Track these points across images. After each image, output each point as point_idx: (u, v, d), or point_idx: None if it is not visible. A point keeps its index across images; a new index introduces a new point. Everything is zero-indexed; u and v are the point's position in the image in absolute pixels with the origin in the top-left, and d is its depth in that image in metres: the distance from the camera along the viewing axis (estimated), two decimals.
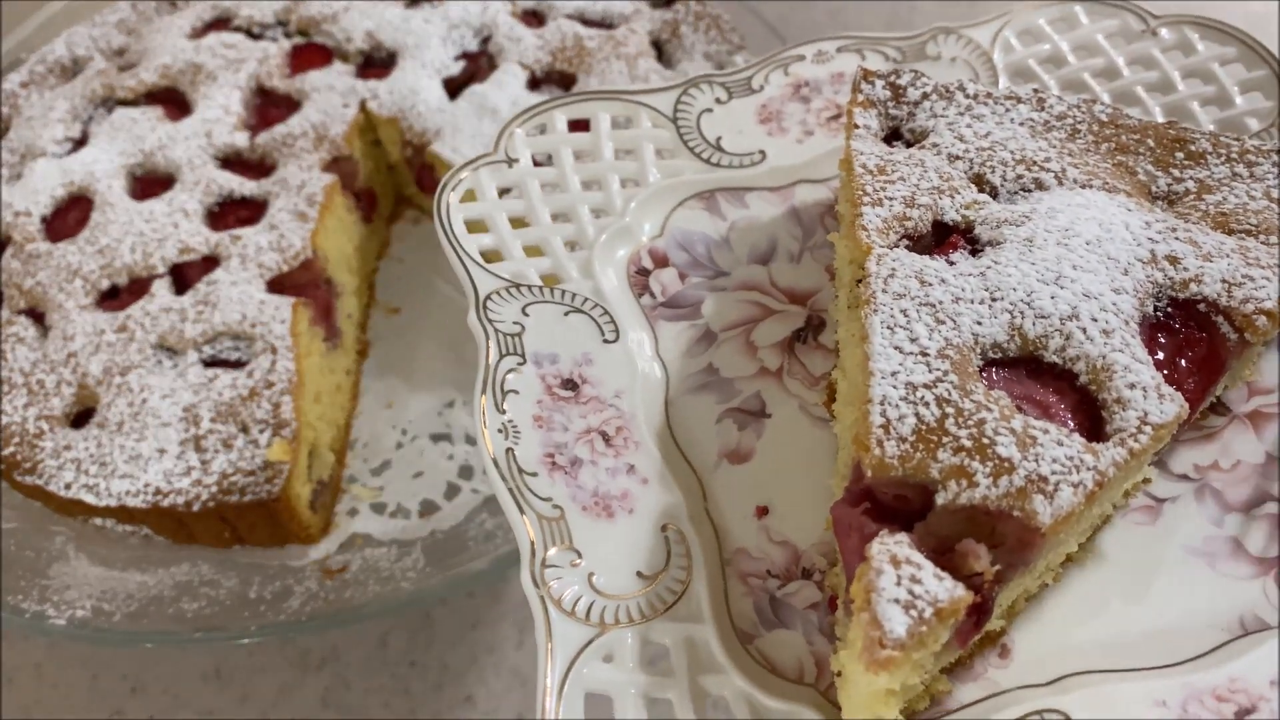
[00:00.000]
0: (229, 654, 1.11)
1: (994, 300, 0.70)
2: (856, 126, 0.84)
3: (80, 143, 1.32)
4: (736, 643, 0.69)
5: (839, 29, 1.68)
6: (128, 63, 1.42)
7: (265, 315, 1.11)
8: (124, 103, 1.35)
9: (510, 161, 0.89)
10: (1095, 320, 0.68)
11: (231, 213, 1.22)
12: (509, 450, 0.73)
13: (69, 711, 1.09)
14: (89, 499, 1.02)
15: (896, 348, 0.67)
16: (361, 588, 1.02)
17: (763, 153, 0.93)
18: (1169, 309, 0.71)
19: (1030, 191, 0.80)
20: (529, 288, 0.83)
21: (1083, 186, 0.79)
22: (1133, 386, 0.66)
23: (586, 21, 1.40)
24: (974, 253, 0.75)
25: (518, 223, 0.88)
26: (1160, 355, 0.70)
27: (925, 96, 0.86)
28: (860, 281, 0.74)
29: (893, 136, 0.87)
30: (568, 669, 0.65)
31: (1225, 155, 0.81)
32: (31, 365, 1.10)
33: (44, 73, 1.42)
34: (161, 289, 1.14)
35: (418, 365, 1.27)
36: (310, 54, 1.39)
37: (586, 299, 0.84)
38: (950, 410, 0.64)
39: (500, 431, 0.74)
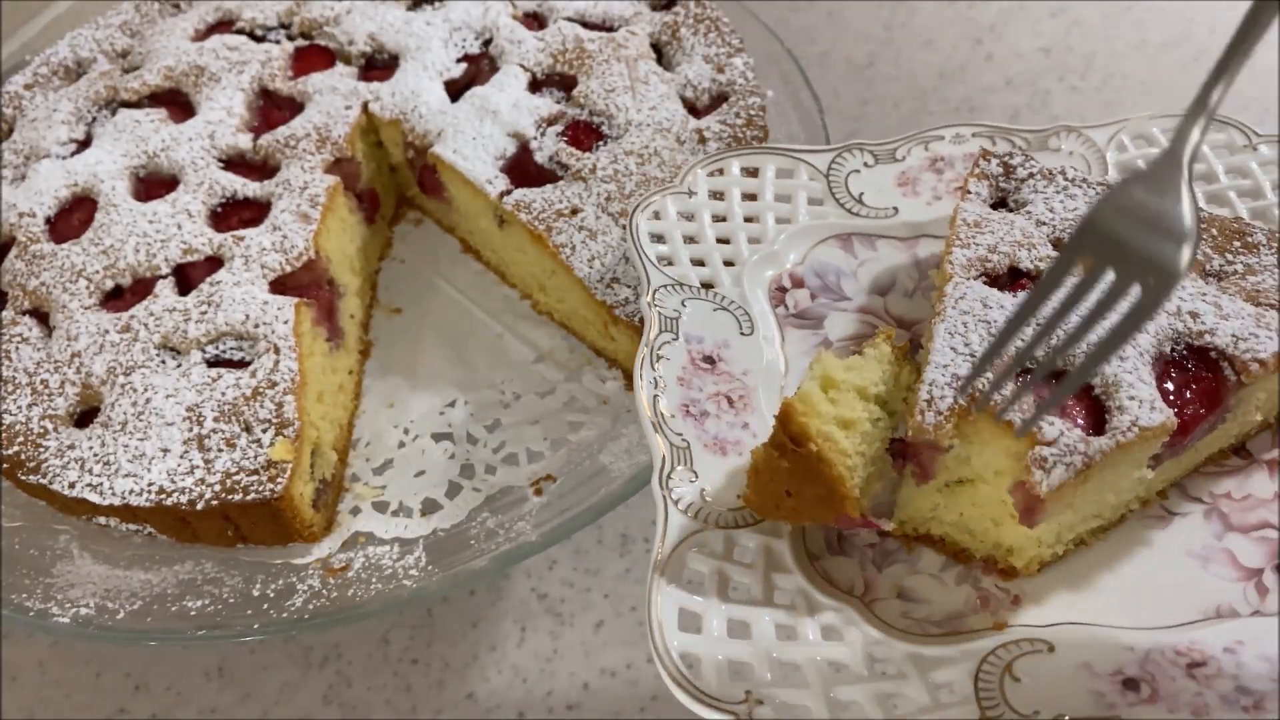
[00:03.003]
0: (232, 652, 1.11)
1: (1038, 325, 0.85)
2: (969, 193, 1.02)
3: (84, 144, 1.32)
4: (805, 557, 0.88)
5: (837, 30, 1.70)
6: (131, 65, 1.43)
7: (268, 315, 1.11)
8: (127, 104, 1.35)
9: (690, 193, 1.11)
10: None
11: (234, 214, 1.23)
12: (655, 396, 0.94)
13: (72, 709, 1.09)
14: (93, 498, 1.03)
15: (952, 348, 0.86)
16: (364, 586, 1.02)
17: (896, 209, 1.12)
18: (1184, 351, 0.87)
19: None
20: (689, 287, 1.04)
21: None
22: (1132, 399, 0.81)
23: (587, 24, 1.40)
24: None
25: (689, 240, 1.09)
26: (1170, 385, 0.85)
27: (1031, 175, 1.03)
28: (939, 301, 0.93)
29: (999, 205, 1.03)
30: (674, 549, 0.84)
31: (1277, 248, 0.95)
32: (35, 365, 1.11)
33: (48, 74, 1.43)
34: (165, 289, 1.14)
35: (419, 365, 1.27)
36: (313, 56, 1.40)
37: (733, 301, 1.04)
38: (981, 399, 0.81)
39: (651, 383, 0.95)
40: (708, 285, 1.06)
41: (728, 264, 1.08)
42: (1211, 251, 0.96)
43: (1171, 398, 0.84)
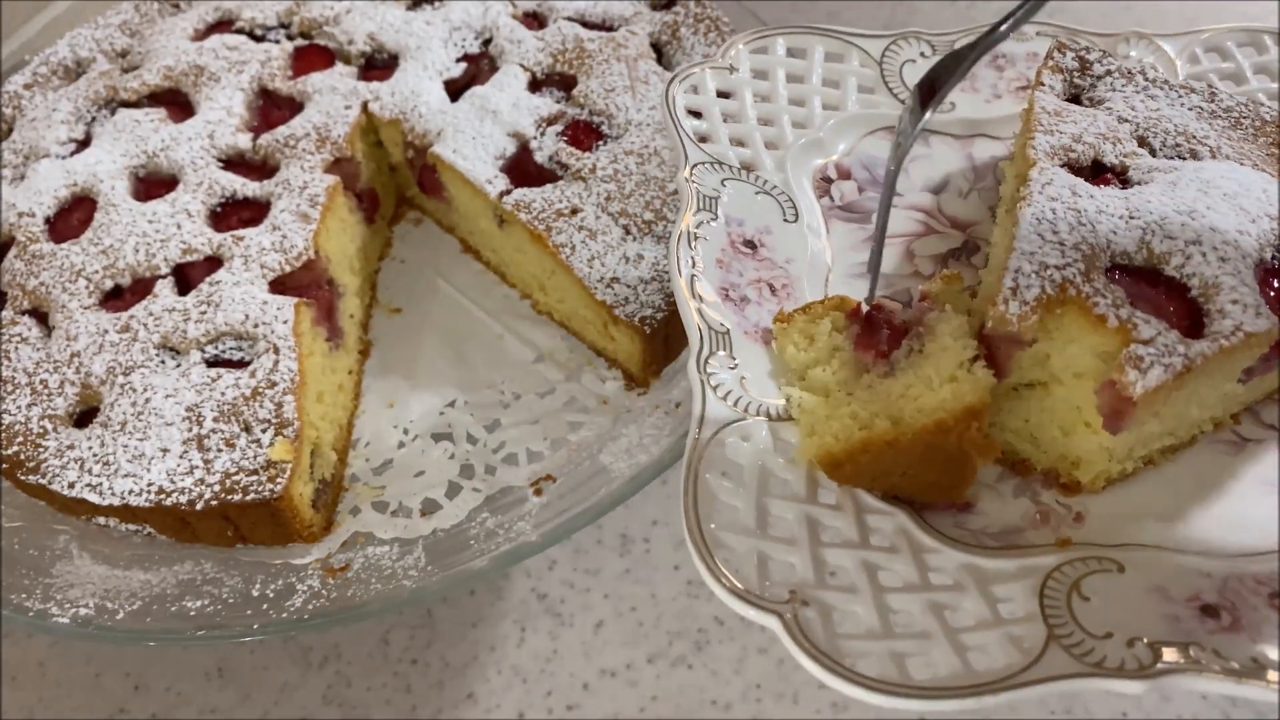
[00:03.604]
0: (231, 652, 1.11)
1: (1131, 218, 0.81)
2: (1042, 84, 0.97)
3: (83, 144, 1.32)
4: None
5: None
6: (131, 64, 1.43)
7: (268, 315, 1.11)
8: (127, 104, 1.35)
9: (732, 69, 1.05)
10: (1216, 249, 0.79)
11: (234, 213, 1.23)
12: (692, 278, 0.88)
13: (72, 709, 1.09)
14: (92, 498, 1.02)
15: (1039, 235, 0.80)
16: (363, 586, 1.02)
17: (953, 104, 1.06)
18: None
19: (1185, 159, 0.90)
20: (730, 167, 0.98)
21: (1235, 163, 0.89)
22: (1235, 303, 0.76)
23: (587, 24, 1.40)
24: (1124, 188, 0.87)
25: (729, 119, 1.02)
26: (1272, 293, 0.79)
27: (1109, 73, 0.98)
28: (1021, 188, 0.87)
29: (1073, 101, 0.98)
30: (714, 435, 0.79)
31: None
32: (35, 365, 1.11)
33: (47, 74, 1.43)
34: (164, 289, 1.14)
35: (419, 365, 1.27)
36: (312, 56, 1.40)
37: (775, 185, 0.98)
38: (1071, 290, 0.76)
39: (689, 262, 0.89)
40: (749, 167, 0.99)
41: (770, 147, 1.02)
42: None
43: (1271, 307, 0.77)
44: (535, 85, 1.33)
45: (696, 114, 1.03)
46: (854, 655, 0.66)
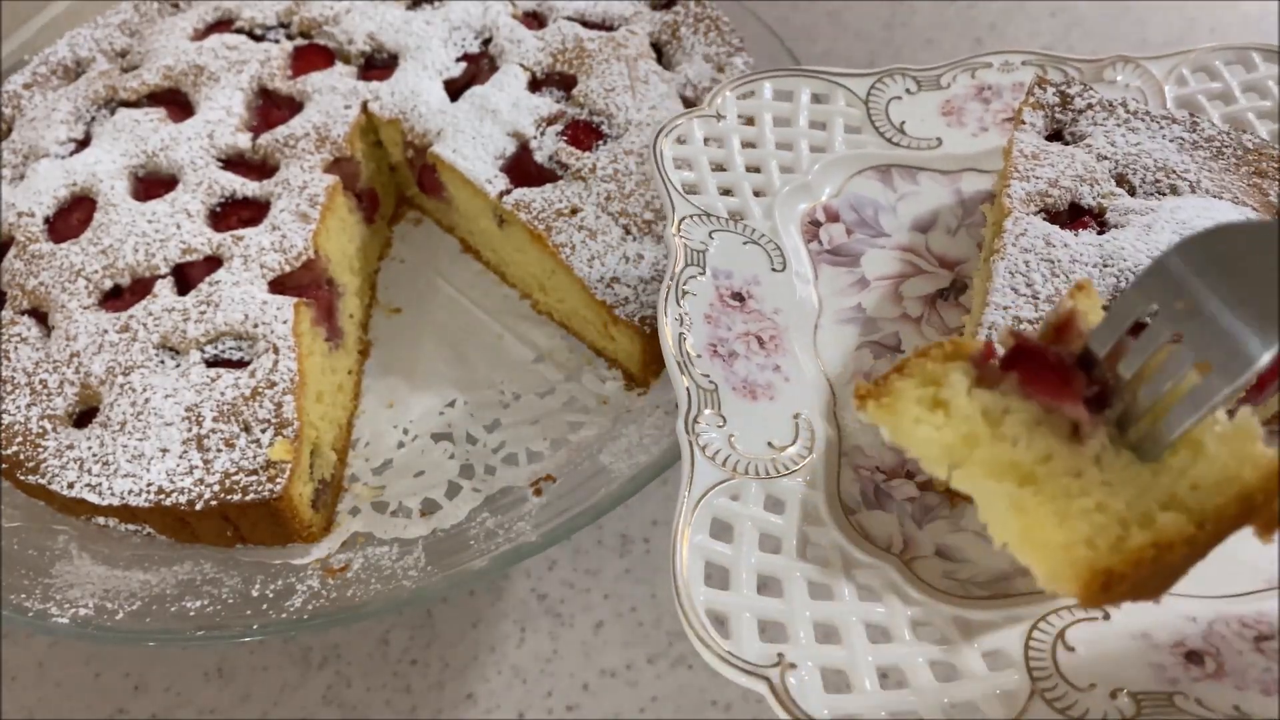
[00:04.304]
0: (231, 652, 1.11)
1: (1105, 266, 0.82)
2: (1023, 123, 0.97)
3: (83, 144, 1.32)
4: (840, 511, 0.83)
5: (837, 29, 1.69)
6: (130, 64, 1.42)
7: (267, 315, 1.11)
8: (126, 104, 1.35)
9: (719, 116, 1.05)
10: None
11: (234, 213, 1.23)
12: (681, 334, 0.88)
13: (71, 710, 1.09)
14: (92, 498, 1.02)
15: (1013, 289, 0.82)
16: (363, 586, 1.02)
17: (940, 140, 1.06)
18: None
19: (1164, 195, 0.91)
20: (718, 218, 0.98)
21: (1214, 197, 0.90)
22: None
23: (587, 23, 1.40)
24: (1100, 233, 0.88)
25: (717, 167, 1.03)
26: None
27: (1090, 107, 0.98)
28: (997, 238, 0.87)
29: (1054, 137, 0.98)
30: (701, 496, 0.79)
31: None
32: (34, 365, 1.11)
33: (46, 74, 1.43)
34: (164, 289, 1.14)
35: (419, 365, 1.27)
36: (312, 55, 1.40)
37: (763, 235, 0.98)
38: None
39: (677, 320, 0.89)
40: (736, 216, 0.99)
41: (758, 194, 1.02)
42: None
43: None
44: (535, 85, 1.33)
45: (685, 164, 1.03)
46: (842, 717, 0.68)
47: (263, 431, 1.04)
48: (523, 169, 1.25)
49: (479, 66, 1.37)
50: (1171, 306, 0.62)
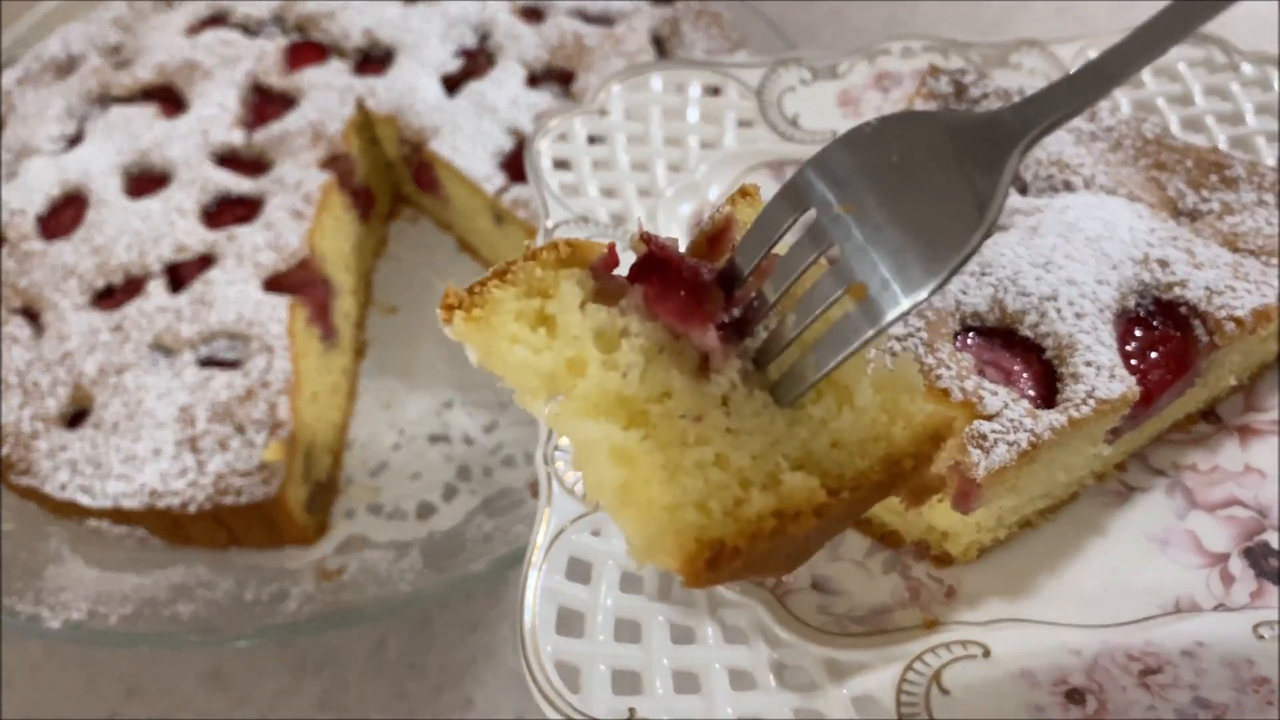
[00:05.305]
0: (226, 657, 1.10)
1: (983, 275, 0.76)
2: None
3: (75, 141, 1.31)
4: None
5: (839, 27, 1.68)
6: (123, 60, 1.41)
7: (261, 315, 1.10)
8: (120, 100, 1.34)
9: (603, 112, 0.99)
10: (1072, 304, 0.75)
11: (228, 211, 1.21)
12: None
13: (66, 713, 1.08)
14: (84, 500, 1.01)
15: None
16: (359, 590, 1.01)
17: (835, 133, 0.98)
18: (1151, 306, 0.77)
19: (1057, 191, 0.86)
20: (596, 223, 0.92)
21: (1108, 193, 0.85)
22: (1089, 364, 0.71)
23: (586, 18, 1.39)
24: None
25: (600, 166, 0.97)
26: (1133, 345, 0.75)
27: (985, 96, 0.93)
28: None
29: None
30: (558, 532, 0.74)
31: (1258, 184, 0.85)
32: (26, 365, 1.10)
33: (39, 70, 1.41)
34: (157, 288, 1.13)
35: (415, 366, 1.26)
36: (307, 51, 1.39)
37: None
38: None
39: None
40: (618, 220, 0.93)
41: (643, 195, 0.96)
42: (1185, 186, 0.86)
43: (1134, 362, 0.74)
44: (533, 80, 1.32)
45: (566, 164, 0.97)
46: None
47: (257, 433, 1.03)
48: (521, 166, 1.23)
49: (476, 62, 1.36)
50: (831, 211, 0.49)
